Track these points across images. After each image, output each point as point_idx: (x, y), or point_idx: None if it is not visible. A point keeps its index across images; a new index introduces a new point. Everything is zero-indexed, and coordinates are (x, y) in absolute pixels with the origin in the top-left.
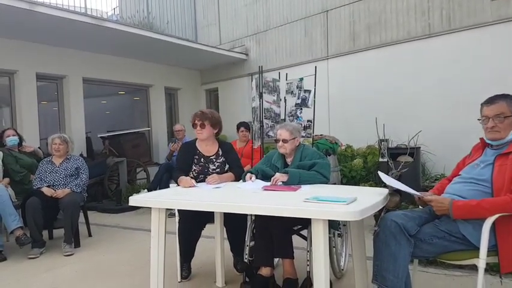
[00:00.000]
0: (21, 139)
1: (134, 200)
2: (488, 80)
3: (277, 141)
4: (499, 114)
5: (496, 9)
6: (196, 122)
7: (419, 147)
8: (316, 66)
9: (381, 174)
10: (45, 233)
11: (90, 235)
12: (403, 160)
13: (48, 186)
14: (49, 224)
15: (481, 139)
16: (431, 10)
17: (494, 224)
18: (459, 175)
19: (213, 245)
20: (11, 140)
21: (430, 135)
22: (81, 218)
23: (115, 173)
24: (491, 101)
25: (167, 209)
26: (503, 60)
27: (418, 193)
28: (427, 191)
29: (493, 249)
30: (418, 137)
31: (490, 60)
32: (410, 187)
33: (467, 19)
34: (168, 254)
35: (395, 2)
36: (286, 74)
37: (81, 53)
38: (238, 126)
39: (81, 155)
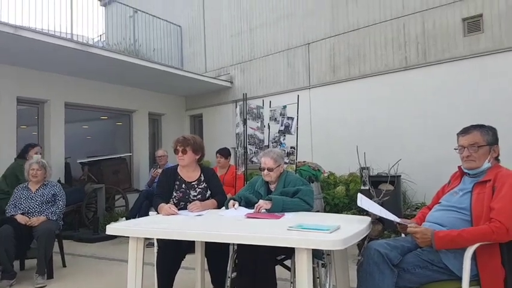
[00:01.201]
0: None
1: (112, 229)
2: (464, 110)
3: (262, 169)
4: (473, 144)
5: (468, 44)
6: (178, 147)
7: (400, 176)
8: (298, 95)
9: (359, 196)
10: (16, 264)
11: (64, 265)
12: (384, 188)
13: (23, 214)
14: (21, 253)
15: (459, 167)
16: (407, 44)
17: (475, 253)
18: (439, 203)
19: (193, 277)
20: (37, 158)
21: (410, 164)
22: (56, 248)
23: (93, 200)
24: (465, 131)
25: (146, 239)
26: (478, 92)
27: (398, 219)
28: (408, 219)
29: (474, 279)
30: (398, 165)
31: (465, 91)
32: (391, 213)
33: (442, 53)
34: (146, 286)
35: (373, 36)
36: (270, 101)
37: (65, 78)
38: (216, 152)
39: (58, 181)
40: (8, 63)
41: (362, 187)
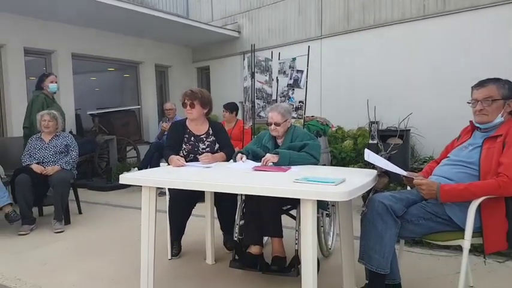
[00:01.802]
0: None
1: (125, 178)
2: (481, 63)
3: (269, 124)
4: (487, 97)
5: None
6: (186, 101)
7: (409, 130)
8: (309, 46)
9: (367, 152)
10: (35, 210)
11: (80, 212)
12: (392, 142)
13: (38, 163)
14: (39, 201)
15: (471, 122)
16: None
17: (479, 206)
18: (447, 157)
19: (203, 224)
20: (53, 86)
21: (421, 118)
22: (71, 196)
23: (105, 151)
24: (481, 84)
25: (158, 188)
26: (497, 44)
27: (404, 172)
28: (416, 172)
29: (477, 231)
30: (408, 119)
31: (483, 43)
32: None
33: (462, 1)
34: (159, 232)
35: None
36: (279, 53)
37: (71, 28)
38: (223, 107)
39: (70, 132)
40: (13, 12)
41: (370, 141)
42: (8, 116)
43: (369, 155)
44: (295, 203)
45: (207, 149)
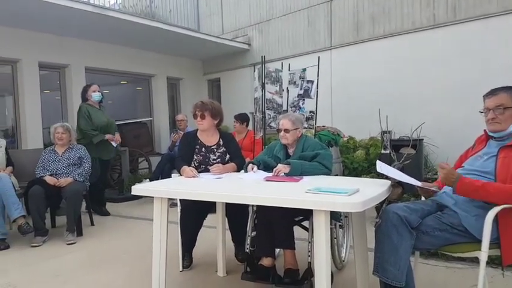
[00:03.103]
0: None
1: (137, 190)
2: (492, 71)
3: (279, 131)
4: (499, 105)
5: (501, 0)
6: (196, 112)
7: (422, 139)
8: (319, 57)
9: (379, 163)
10: (47, 221)
11: (92, 224)
12: (405, 152)
13: (51, 175)
14: (52, 212)
15: (485, 131)
16: (436, 0)
17: (496, 216)
18: (462, 167)
19: (215, 235)
20: (96, 95)
21: (434, 127)
22: (84, 207)
23: (117, 162)
24: (492, 92)
25: (169, 199)
26: (508, 52)
27: (418, 183)
28: (429, 182)
29: (494, 242)
30: (421, 129)
31: (495, 52)
32: (412, 178)
33: (473, 10)
34: (170, 244)
35: None
36: (289, 64)
37: (84, 42)
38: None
39: None
40: (28, 28)
41: (383, 151)
42: (23, 128)
43: (381, 167)
44: (307, 214)
45: (218, 159)
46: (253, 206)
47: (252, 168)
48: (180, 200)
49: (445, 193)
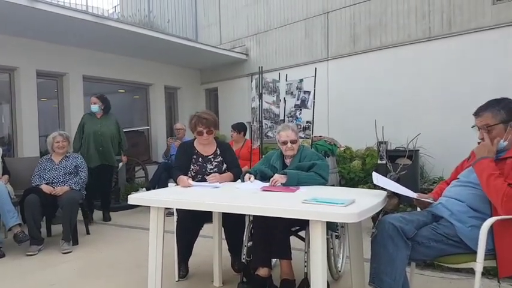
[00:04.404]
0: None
1: (133, 199)
2: (488, 83)
3: (283, 143)
4: (484, 125)
5: (496, 13)
6: (202, 129)
7: (418, 150)
8: (316, 68)
9: (375, 175)
10: (43, 230)
11: (88, 233)
12: (401, 162)
13: (47, 184)
14: (47, 221)
15: (479, 143)
16: (431, 13)
17: (492, 227)
18: (457, 179)
19: (211, 245)
20: (93, 107)
21: (429, 138)
22: (80, 216)
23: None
24: (476, 113)
25: (166, 208)
26: (503, 64)
27: (415, 195)
28: (425, 193)
29: (490, 253)
30: (417, 139)
31: (490, 64)
32: (408, 189)
33: (468, 23)
34: (166, 253)
35: (396, 5)
36: (286, 74)
37: (82, 51)
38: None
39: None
40: (26, 36)
41: (379, 161)
42: (20, 136)
43: (378, 179)
44: (304, 224)
45: (215, 169)
46: (249, 215)
47: (249, 178)
48: (176, 209)
49: (440, 204)
